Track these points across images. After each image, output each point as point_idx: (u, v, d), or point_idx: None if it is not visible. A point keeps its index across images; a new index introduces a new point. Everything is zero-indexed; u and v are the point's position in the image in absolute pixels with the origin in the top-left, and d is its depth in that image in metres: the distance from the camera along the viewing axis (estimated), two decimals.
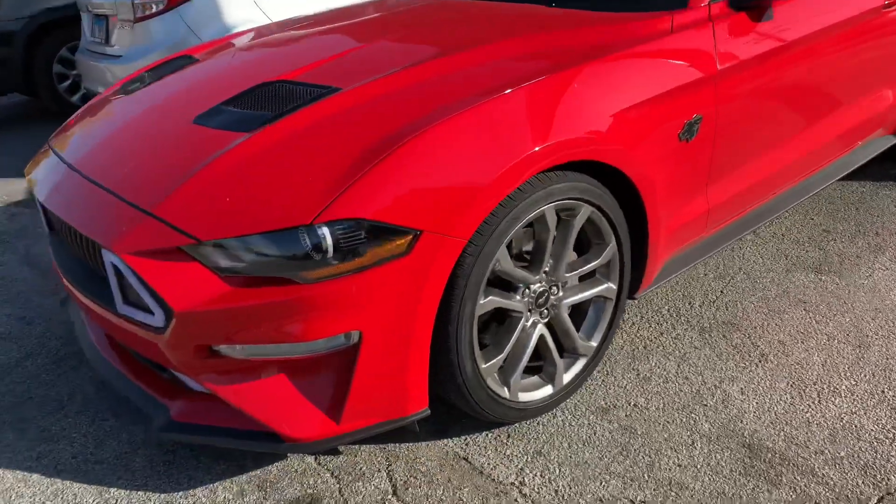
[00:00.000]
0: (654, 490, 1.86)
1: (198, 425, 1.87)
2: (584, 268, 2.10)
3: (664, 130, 2.13)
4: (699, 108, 2.21)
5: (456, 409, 2.06)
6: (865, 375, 2.21)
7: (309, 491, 1.94)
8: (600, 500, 1.84)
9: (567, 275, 2.06)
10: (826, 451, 1.93)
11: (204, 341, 1.72)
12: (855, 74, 2.87)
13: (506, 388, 2.01)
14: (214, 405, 1.90)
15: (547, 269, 2.02)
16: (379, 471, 1.99)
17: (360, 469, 2.00)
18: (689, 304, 2.65)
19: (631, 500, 1.83)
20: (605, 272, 2.16)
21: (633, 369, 2.32)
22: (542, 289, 2.01)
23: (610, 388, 2.24)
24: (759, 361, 2.31)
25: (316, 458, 2.05)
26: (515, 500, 1.86)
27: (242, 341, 1.71)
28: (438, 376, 1.87)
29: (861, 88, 2.96)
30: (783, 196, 2.81)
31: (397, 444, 2.07)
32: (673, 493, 1.84)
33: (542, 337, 2.06)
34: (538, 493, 1.87)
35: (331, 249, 1.62)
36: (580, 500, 1.84)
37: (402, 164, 1.66)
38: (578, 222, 2.00)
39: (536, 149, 1.79)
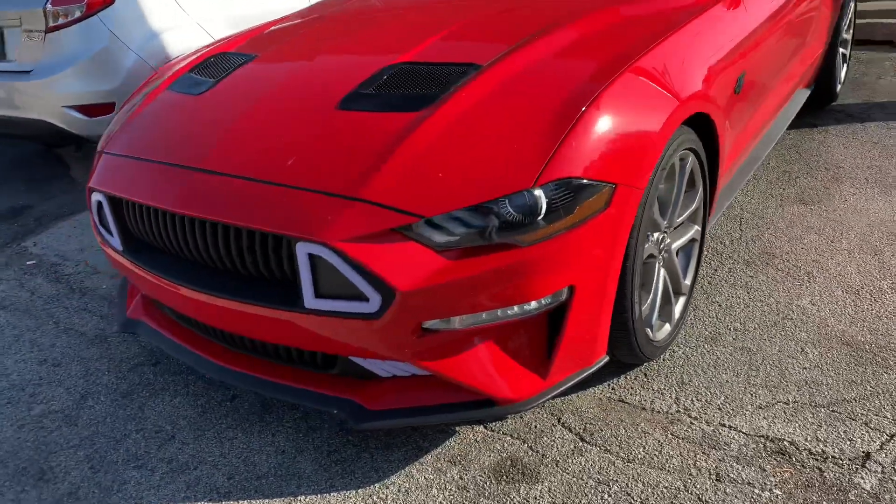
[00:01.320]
0: (798, 389, 2.13)
1: (402, 409, 1.87)
2: (686, 213, 2.33)
3: (727, 84, 2.41)
4: (742, 65, 2.53)
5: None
6: (893, 274, 2.65)
7: (503, 455, 1.99)
8: (760, 408, 2.08)
9: (678, 220, 2.28)
10: None
11: (422, 319, 1.72)
12: (799, 34, 3.37)
13: (649, 329, 2.19)
14: (406, 386, 1.90)
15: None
16: (553, 425, 2.09)
17: (536, 427, 2.08)
18: (722, 243, 2.98)
19: (784, 402, 2.09)
20: (692, 216, 2.41)
21: (714, 302, 2.60)
22: (666, 234, 2.22)
23: (705, 320, 2.50)
24: (808, 278, 2.68)
25: (486, 427, 2.10)
26: (690, 423, 2.05)
27: (461, 312, 1.74)
28: (613, 322, 2.01)
29: (799, 47, 3.47)
30: (763, 140, 3.24)
31: (553, 403, 2.18)
32: (813, 389, 2.13)
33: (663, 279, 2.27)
34: (705, 413, 2.08)
35: (544, 210, 1.70)
36: (743, 411, 2.07)
37: (591, 124, 1.78)
38: (688, 171, 2.23)
39: (677, 103, 1.99)
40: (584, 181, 1.74)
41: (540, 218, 1.70)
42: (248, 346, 2.08)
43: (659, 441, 1.99)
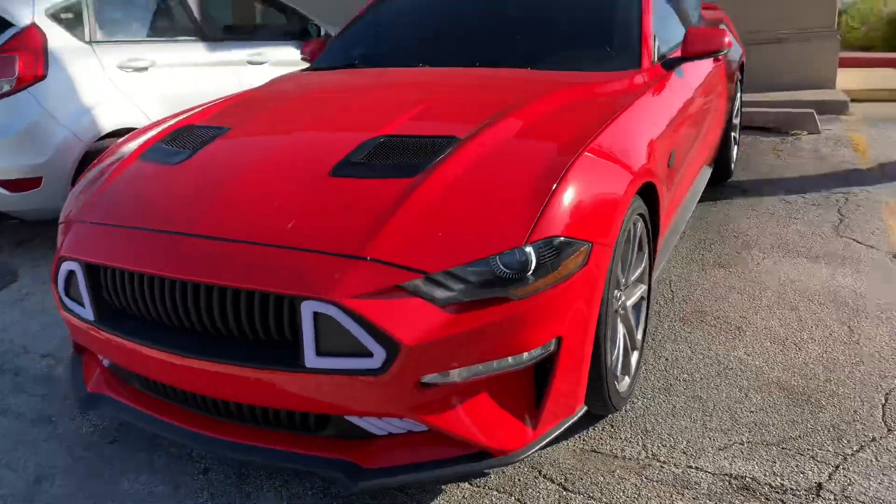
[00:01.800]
0: (750, 431, 2.33)
1: (399, 466, 1.90)
2: (637, 272, 2.54)
3: (663, 159, 2.70)
4: (672, 143, 2.84)
5: None
6: (811, 326, 2.96)
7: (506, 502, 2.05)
8: (720, 449, 2.25)
9: (632, 279, 2.49)
10: (830, 378, 2.59)
11: (423, 373, 1.80)
12: (705, 119, 3.79)
13: (615, 381, 2.34)
14: (401, 443, 1.94)
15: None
16: (536, 478, 2.17)
17: (520, 481, 2.16)
18: (658, 304, 3.23)
19: (739, 443, 2.27)
20: (640, 276, 2.63)
21: (661, 357, 2.80)
22: (623, 291, 2.41)
23: (656, 373, 2.68)
24: (739, 332, 2.95)
25: (472, 483, 2.15)
26: (661, 467, 2.19)
27: (460, 365, 1.83)
28: (590, 373, 2.15)
29: (705, 130, 3.89)
30: (682, 211, 3.58)
31: (532, 456, 2.26)
32: (762, 430, 2.33)
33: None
34: (672, 457, 2.22)
35: (534, 266, 1.85)
36: (706, 453, 2.24)
37: (568, 191, 1.96)
38: (639, 233, 2.45)
39: (632, 175, 2.22)
40: (567, 239, 1.90)
41: (530, 273, 1.83)
42: (232, 413, 2.06)
43: (635, 485, 2.11)
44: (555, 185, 1.95)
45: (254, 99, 2.95)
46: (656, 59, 3.07)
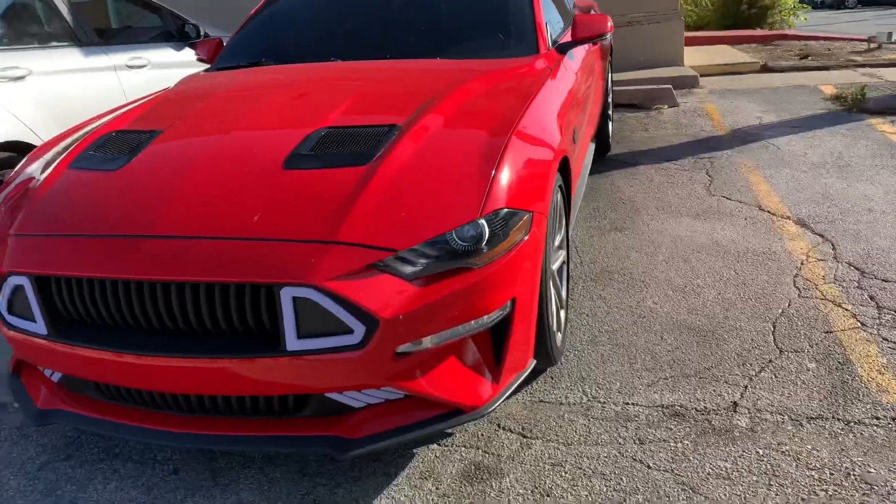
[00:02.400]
0: (671, 367, 2.65)
1: (381, 433, 2.04)
2: (558, 239, 2.80)
3: (570, 136, 2.97)
4: (573, 121, 3.12)
5: None
6: (703, 273, 3.36)
7: (465, 462, 2.23)
8: (648, 385, 2.56)
9: (555, 245, 2.74)
10: (727, 315, 2.97)
11: (398, 343, 1.95)
12: (588, 99, 4.12)
13: (553, 336, 2.59)
14: (380, 413, 2.08)
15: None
16: (496, 430, 2.38)
17: (483, 435, 2.35)
18: (570, 267, 3.53)
19: (664, 378, 2.59)
20: (561, 243, 2.89)
21: (582, 313, 3.09)
22: (551, 256, 2.65)
23: (581, 328, 2.97)
24: (644, 285, 3.30)
25: (439, 444, 2.33)
26: (602, 407, 2.46)
27: (431, 332, 1.99)
28: (537, 329, 2.37)
29: (590, 109, 4.24)
30: (580, 183, 3.90)
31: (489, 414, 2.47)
32: (680, 365, 2.66)
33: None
34: (610, 397, 2.50)
35: (487, 236, 2.04)
36: (637, 390, 2.53)
37: (507, 169, 2.16)
38: (559, 204, 2.70)
39: (554, 151, 2.46)
40: (512, 210, 2.11)
41: (485, 243, 2.02)
42: (207, 408, 2.11)
43: (585, 425, 2.37)
44: (495, 164, 2.15)
45: (171, 101, 2.93)
46: (550, 44, 3.35)
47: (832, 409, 2.35)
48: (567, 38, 3.56)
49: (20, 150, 4.20)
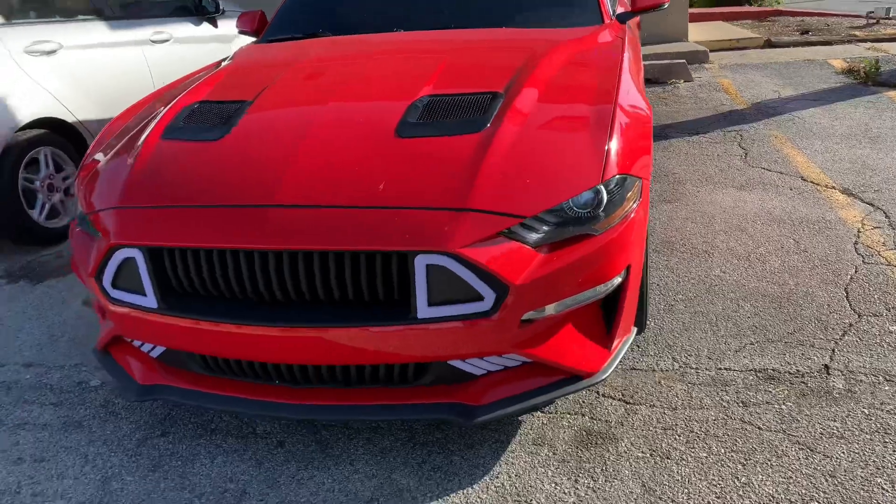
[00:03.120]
0: (754, 333, 2.69)
1: (505, 399, 2.04)
2: None
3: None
4: (643, 87, 3.12)
5: None
6: (764, 242, 3.40)
7: (575, 429, 2.25)
8: (737, 351, 2.59)
9: None
10: (798, 282, 3.02)
11: (525, 310, 1.94)
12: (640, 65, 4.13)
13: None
14: (501, 380, 2.08)
15: None
16: (597, 398, 2.39)
17: (586, 402, 2.37)
18: None
19: (750, 343, 2.63)
20: None
21: (652, 284, 3.11)
22: None
23: (655, 298, 2.99)
24: (707, 255, 3.33)
25: (543, 412, 2.34)
26: (696, 373, 2.49)
27: (554, 300, 1.99)
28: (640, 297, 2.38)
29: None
30: None
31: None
32: (764, 331, 2.70)
33: None
34: (701, 363, 2.53)
35: (605, 203, 2.04)
36: (727, 356, 2.56)
37: (617, 136, 2.16)
38: None
39: (645, 115, 2.46)
40: (626, 177, 2.11)
41: (603, 210, 2.02)
42: (322, 379, 2.09)
43: (684, 390, 2.40)
44: (607, 133, 2.14)
45: (245, 72, 2.87)
46: (612, 14, 3.34)
47: None
48: (623, 7, 3.56)
49: (52, 127, 4.10)
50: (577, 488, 2.01)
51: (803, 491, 1.93)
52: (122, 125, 2.66)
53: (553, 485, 2.03)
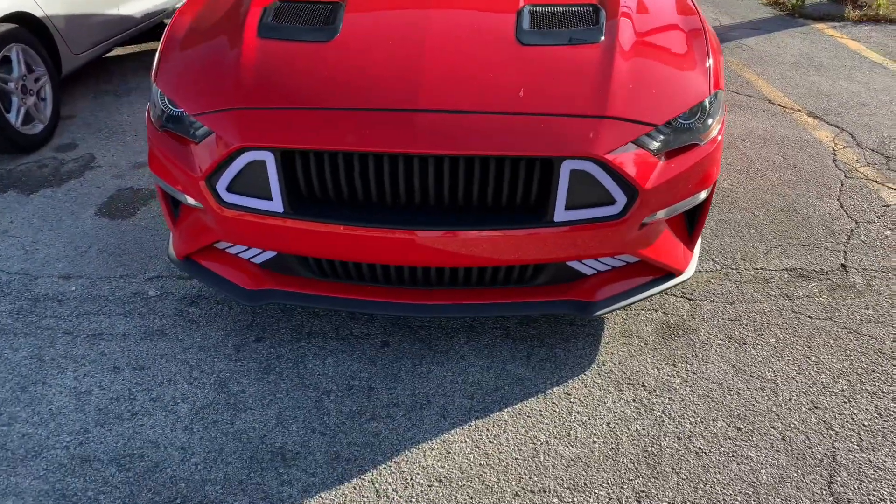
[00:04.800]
0: (775, 238, 3.03)
1: (616, 295, 2.24)
2: None
3: None
4: None
5: None
6: (757, 158, 3.74)
7: (655, 323, 2.50)
8: (766, 254, 2.92)
9: None
10: (798, 193, 3.38)
11: (648, 213, 2.12)
12: None
13: None
14: (608, 279, 2.27)
15: None
16: (662, 296, 2.64)
17: (657, 301, 2.61)
18: None
19: (775, 247, 2.96)
20: None
21: None
22: None
23: None
24: None
25: (617, 313, 2.57)
26: (738, 273, 2.79)
27: (666, 205, 2.18)
28: None
29: None
30: None
31: None
32: (784, 236, 3.04)
33: None
34: (738, 264, 2.84)
35: (709, 114, 2.22)
36: (758, 258, 2.89)
37: (711, 52, 2.32)
38: None
39: (715, 35, 2.64)
40: (720, 91, 2.30)
41: (708, 120, 2.21)
42: (443, 281, 2.19)
43: (735, 287, 2.70)
44: (706, 50, 2.31)
45: None
46: None
47: None
48: None
49: (22, 22, 3.73)
50: (678, 371, 2.27)
51: (865, 366, 2.29)
52: (190, 22, 2.50)
53: (656, 369, 2.28)
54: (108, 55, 5.33)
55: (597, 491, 1.86)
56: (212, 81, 2.18)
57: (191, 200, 2.22)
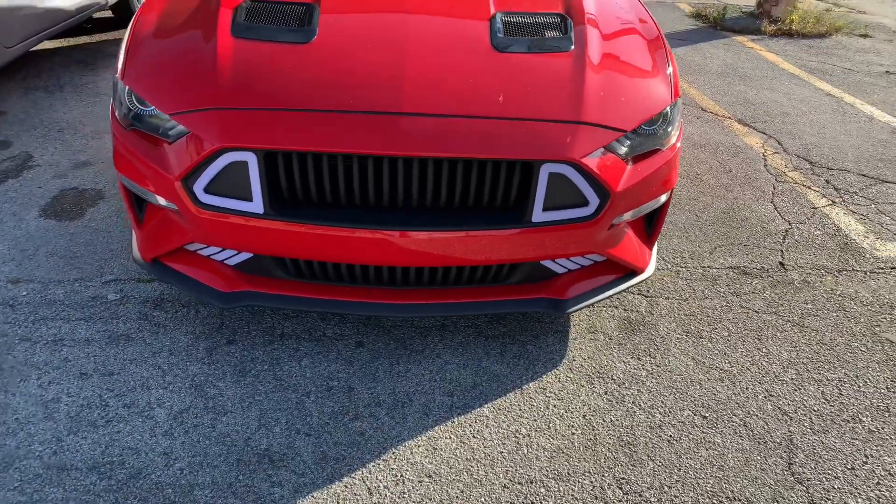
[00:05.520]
0: (718, 239, 3.22)
1: (586, 292, 2.34)
2: None
3: None
4: None
5: None
6: (695, 164, 3.95)
7: (616, 319, 2.62)
8: (711, 253, 3.10)
9: None
10: (736, 196, 3.60)
11: (617, 215, 2.23)
12: None
13: None
14: (577, 277, 2.37)
15: None
16: (621, 294, 2.76)
17: (615, 298, 2.74)
18: None
19: (718, 247, 3.15)
20: None
21: None
22: None
23: None
24: None
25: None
26: (687, 270, 2.96)
27: (632, 207, 2.29)
28: None
29: None
30: None
31: None
32: (724, 237, 3.24)
33: None
34: (688, 263, 3.01)
35: (670, 122, 2.36)
36: (703, 257, 3.06)
37: (670, 61, 2.47)
38: None
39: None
40: (679, 99, 2.44)
41: (668, 127, 2.34)
42: (421, 281, 2.23)
43: (687, 284, 2.86)
44: (666, 59, 2.44)
45: None
46: None
47: (849, 264, 3.07)
48: None
49: None
50: (643, 364, 2.40)
51: (810, 356, 2.48)
52: (158, 18, 2.44)
53: (623, 363, 2.40)
54: (34, 49, 5.09)
55: (580, 479, 1.95)
56: (188, 80, 2.14)
57: (162, 201, 2.18)
